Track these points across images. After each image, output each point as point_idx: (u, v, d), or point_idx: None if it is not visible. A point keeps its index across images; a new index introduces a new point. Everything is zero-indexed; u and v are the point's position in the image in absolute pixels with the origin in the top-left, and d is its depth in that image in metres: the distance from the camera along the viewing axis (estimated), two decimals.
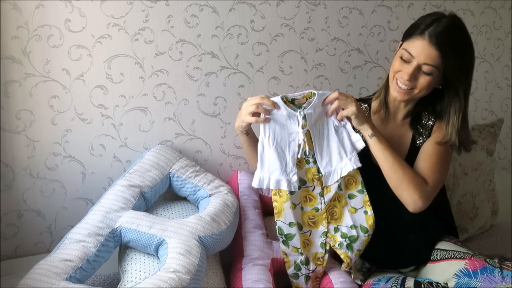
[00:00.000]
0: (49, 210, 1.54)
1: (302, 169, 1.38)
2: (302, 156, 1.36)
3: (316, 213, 1.40)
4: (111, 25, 1.55)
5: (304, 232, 1.40)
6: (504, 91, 2.23)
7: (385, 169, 1.38)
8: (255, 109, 1.32)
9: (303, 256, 1.39)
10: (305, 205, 1.39)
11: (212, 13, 1.66)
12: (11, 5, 1.44)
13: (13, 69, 1.46)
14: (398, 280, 1.38)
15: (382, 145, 1.37)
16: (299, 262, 1.40)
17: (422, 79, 1.36)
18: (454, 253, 1.42)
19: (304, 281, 1.42)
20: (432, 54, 1.32)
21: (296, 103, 1.36)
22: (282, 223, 1.38)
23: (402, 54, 1.36)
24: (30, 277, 1.18)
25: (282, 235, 1.38)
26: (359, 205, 1.42)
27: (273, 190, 1.37)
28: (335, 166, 1.38)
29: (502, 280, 1.27)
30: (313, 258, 1.42)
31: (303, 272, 1.41)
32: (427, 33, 1.32)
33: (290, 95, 1.36)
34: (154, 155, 1.54)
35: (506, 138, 2.27)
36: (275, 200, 1.38)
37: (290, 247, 1.39)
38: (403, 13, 1.96)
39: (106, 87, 1.56)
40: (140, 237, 1.33)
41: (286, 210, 1.37)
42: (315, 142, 1.37)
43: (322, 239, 1.41)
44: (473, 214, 1.91)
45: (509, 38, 2.21)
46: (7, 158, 1.49)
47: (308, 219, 1.40)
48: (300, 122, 1.34)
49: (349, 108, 1.35)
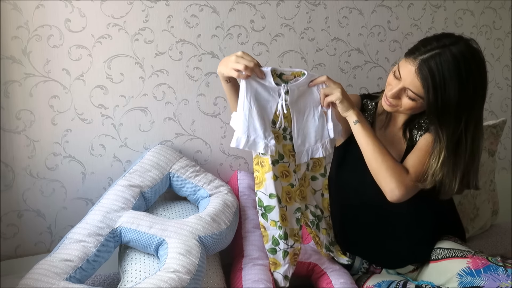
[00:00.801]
0: (49, 210, 1.54)
1: (280, 143, 1.37)
2: (280, 131, 1.36)
3: (291, 189, 1.39)
4: (111, 25, 1.55)
5: (282, 206, 1.37)
6: (504, 91, 2.23)
7: (367, 155, 1.37)
8: (242, 69, 1.26)
9: (281, 230, 1.36)
10: (282, 180, 1.38)
11: (212, 13, 1.66)
12: (11, 5, 1.44)
13: (13, 69, 1.46)
14: (399, 284, 1.38)
15: (365, 132, 1.36)
16: (278, 237, 1.37)
17: (405, 100, 1.32)
18: (455, 252, 1.41)
19: (282, 257, 1.39)
20: (416, 83, 1.25)
21: (283, 78, 1.36)
22: (263, 194, 1.35)
23: (395, 70, 1.32)
24: (30, 277, 1.18)
25: (262, 207, 1.36)
26: (318, 187, 1.45)
27: (255, 159, 1.36)
28: (307, 147, 1.39)
29: (507, 278, 1.25)
30: (290, 234, 1.39)
31: (282, 247, 1.38)
32: (419, 60, 1.23)
33: (280, 69, 1.36)
34: (154, 155, 1.54)
35: (506, 138, 2.27)
36: (256, 170, 1.36)
37: (269, 220, 1.37)
38: (403, 13, 1.96)
39: (106, 87, 1.56)
40: (140, 237, 1.33)
41: (267, 180, 1.34)
42: (294, 119, 1.37)
43: (297, 215, 1.40)
44: (473, 214, 1.91)
45: (509, 38, 2.21)
46: (7, 158, 1.49)
47: (285, 194, 1.38)
48: (282, 95, 1.33)
49: (335, 93, 1.35)
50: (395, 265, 1.52)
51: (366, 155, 1.37)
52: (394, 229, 1.48)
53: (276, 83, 1.33)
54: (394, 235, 1.48)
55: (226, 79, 1.37)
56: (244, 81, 1.30)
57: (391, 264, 1.52)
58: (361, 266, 1.56)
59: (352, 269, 1.57)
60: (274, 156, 1.35)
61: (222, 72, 1.33)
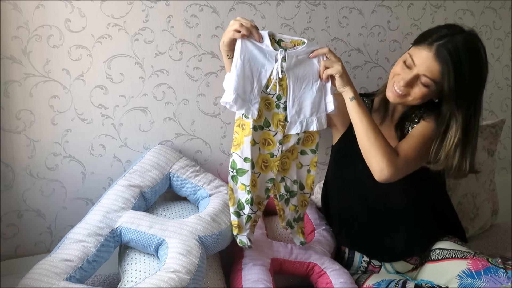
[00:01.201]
0: (49, 210, 1.54)
1: (270, 111, 1.36)
2: (273, 99, 1.35)
3: (270, 158, 1.38)
4: (111, 25, 1.55)
5: (254, 172, 1.36)
6: (504, 91, 2.23)
7: (359, 133, 1.36)
8: (238, 27, 1.28)
9: (249, 195, 1.36)
10: (262, 148, 1.37)
11: (212, 13, 1.66)
12: (11, 5, 1.44)
13: (13, 69, 1.46)
14: (398, 283, 1.38)
15: (360, 109, 1.35)
16: (244, 201, 1.36)
17: (417, 88, 1.35)
18: (455, 253, 1.41)
19: (245, 221, 1.39)
20: (433, 68, 1.30)
21: (282, 45, 1.34)
22: (238, 156, 1.35)
23: (406, 59, 1.35)
24: (30, 277, 1.18)
25: (234, 169, 1.36)
26: (306, 163, 1.44)
27: (237, 121, 1.35)
28: (302, 119, 1.37)
29: (507, 280, 1.25)
30: (255, 201, 1.39)
31: (246, 211, 1.37)
32: (435, 45, 1.30)
33: (279, 35, 1.34)
34: (154, 155, 1.54)
35: (506, 138, 2.27)
36: (236, 131, 1.35)
37: (238, 183, 1.36)
38: (403, 13, 1.95)
39: (106, 87, 1.56)
40: (140, 237, 1.33)
41: (245, 144, 1.34)
42: (290, 87, 1.35)
43: (268, 185, 1.39)
44: (473, 214, 1.91)
45: (509, 38, 2.21)
46: (7, 158, 1.49)
47: (262, 161, 1.37)
48: (279, 61, 1.32)
49: (335, 67, 1.34)
50: (393, 259, 1.51)
51: (359, 132, 1.36)
52: (392, 224, 1.48)
53: (274, 48, 1.32)
54: (392, 229, 1.48)
55: (228, 54, 1.37)
56: (240, 41, 1.30)
57: (389, 258, 1.52)
58: (360, 265, 1.56)
59: (351, 268, 1.57)
60: (258, 121, 1.34)
61: (222, 40, 1.34)
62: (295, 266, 1.50)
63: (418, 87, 1.34)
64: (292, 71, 1.34)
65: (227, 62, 1.38)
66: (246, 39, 1.31)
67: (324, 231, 1.62)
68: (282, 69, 1.32)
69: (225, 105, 1.31)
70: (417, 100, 1.37)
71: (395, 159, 1.33)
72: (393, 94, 1.40)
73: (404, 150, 1.36)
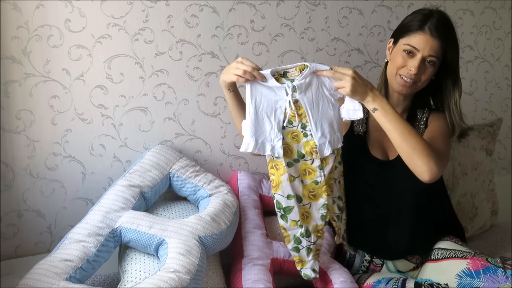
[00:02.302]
0: (49, 210, 1.54)
1: (299, 142, 1.37)
2: (299, 129, 1.36)
3: (316, 186, 1.39)
4: (111, 25, 1.55)
5: (303, 205, 1.39)
6: (504, 91, 2.23)
7: (395, 139, 1.35)
8: (241, 74, 1.29)
9: (303, 229, 1.38)
10: (305, 178, 1.38)
11: (212, 13, 1.66)
12: (11, 5, 1.44)
13: (13, 69, 1.46)
14: (398, 281, 1.38)
15: (388, 116, 1.33)
16: (299, 235, 1.39)
17: (426, 70, 1.43)
18: (456, 253, 1.42)
19: (306, 254, 1.41)
20: (435, 46, 1.39)
21: (288, 76, 1.34)
22: (280, 196, 1.37)
23: (405, 50, 1.42)
24: (30, 277, 1.18)
25: (280, 209, 1.38)
26: (336, 176, 1.45)
27: (269, 163, 1.36)
28: (330, 138, 1.37)
29: (506, 280, 1.26)
30: (313, 230, 1.41)
31: (304, 244, 1.40)
32: (427, 28, 1.40)
33: (281, 67, 1.34)
34: (154, 155, 1.54)
35: (506, 138, 2.27)
36: (272, 173, 1.36)
37: (289, 221, 1.38)
38: (403, 13, 1.95)
39: (106, 87, 1.56)
40: (140, 237, 1.33)
41: (283, 182, 1.36)
42: (309, 113, 1.35)
43: (323, 212, 1.40)
44: (472, 214, 1.91)
45: (509, 38, 2.21)
46: (7, 158, 1.49)
47: (308, 192, 1.39)
48: (289, 92, 1.32)
49: (345, 87, 1.31)
50: (395, 256, 1.52)
51: (394, 139, 1.35)
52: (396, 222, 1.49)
53: (281, 83, 1.33)
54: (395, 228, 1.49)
55: (229, 88, 1.39)
56: (248, 85, 1.31)
57: (391, 255, 1.53)
58: (361, 264, 1.56)
59: (352, 267, 1.57)
60: (291, 156, 1.36)
61: (224, 79, 1.35)
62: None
63: (426, 69, 1.42)
64: (306, 97, 1.34)
65: (229, 96, 1.40)
66: (253, 82, 1.31)
67: None
68: (296, 99, 1.33)
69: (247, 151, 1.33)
70: (425, 83, 1.45)
71: (439, 156, 1.35)
72: (404, 86, 1.44)
73: (439, 148, 1.39)
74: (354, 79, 1.30)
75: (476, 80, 2.15)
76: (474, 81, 2.15)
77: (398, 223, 1.49)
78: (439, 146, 1.40)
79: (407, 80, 1.42)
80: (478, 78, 2.16)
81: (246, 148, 1.32)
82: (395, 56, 1.45)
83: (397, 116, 1.34)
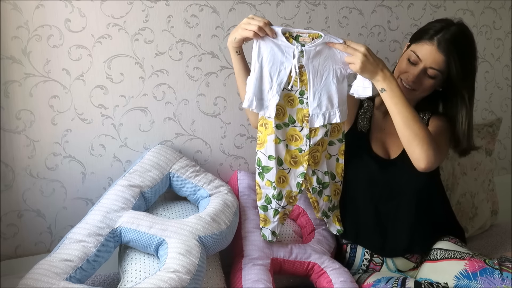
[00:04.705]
0: (49, 210, 1.54)
1: (294, 107, 1.37)
2: (296, 95, 1.35)
3: (299, 153, 1.40)
4: (111, 25, 1.55)
5: (283, 169, 1.41)
6: (504, 91, 2.23)
7: (398, 123, 1.34)
8: (253, 29, 1.27)
9: (275, 191, 1.41)
10: (290, 144, 1.40)
11: (212, 13, 1.66)
12: (11, 5, 1.44)
13: (13, 69, 1.46)
14: (398, 280, 1.39)
15: (395, 99, 1.32)
16: (271, 196, 1.43)
17: (425, 81, 1.42)
18: (454, 253, 1.43)
19: (272, 215, 1.45)
20: (438, 59, 1.39)
21: (300, 40, 1.32)
22: (262, 154, 1.39)
23: (410, 56, 1.42)
24: (30, 277, 1.18)
25: (260, 167, 1.41)
26: (334, 152, 1.46)
27: (260, 120, 1.38)
28: (324, 111, 1.36)
29: (501, 282, 1.28)
30: (286, 196, 1.43)
31: (273, 206, 1.44)
32: (436, 39, 1.39)
33: (296, 30, 1.32)
34: (154, 155, 1.54)
35: (506, 138, 2.27)
36: (259, 130, 1.39)
37: (265, 180, 1.41)
38: (403, 13, 1.96)
39: (106, 87, 1.56)
40: (140, 237, 1.33)
41: (268, 142, 1.38)
42: (310, 81, 1.34)
43: (300, 180, 1.42)
44: (472, 213, 1.92)
45: (509, 38, 2.21)
46: (7, 158, 1.49)
47: (290, 157, 1.40)
48: (296, 55, 1.31)
49: (356, 63, 1.29)
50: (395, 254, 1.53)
51: (397, 122, 1.34)
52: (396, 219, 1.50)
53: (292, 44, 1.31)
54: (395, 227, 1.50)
55: (237, 50, 1.37)
56: (256, 43, 1.31)
57: (391, 253, 1.53)
58: (361, 264, 1.56)
59: (352, 267, 1.57)
60: (282, 119, 1.36)
61: (234, 37, 1.33)
62: (295, 265, 1.50)
63: (426, 80, 1.41)
64: (311, 65, 1.33)
65: (236, 59, 1.40)
66: (263, 39, 1.31)
67: (324, 230, 1.62)
68: (301, 63, 1.31)
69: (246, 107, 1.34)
70: (425, 92, 1.44)
71: (438, 148, 1.36)
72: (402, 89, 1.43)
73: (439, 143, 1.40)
74: (365, 57, 1.29)
75: (476, 80, 2.12)
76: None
77: (397, 221, 1.50)
78: (439, 141, 1.42)
79: (406, 86, 1.44)
80: (478, 78, 2.14)
81: (249, 104, 1.32)
82: (402, 59, 1.47)
83: (404, 100, 1.33)
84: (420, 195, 1.49)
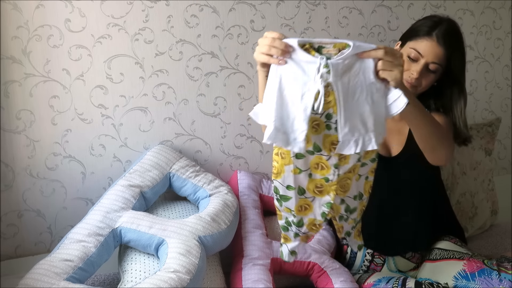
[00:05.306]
0: (49, 210, 1.54)
1: (320, 133, 1.11)
2: (323, 119, 1.09)
3: (325, 183, 1.17)
4: (111, 25, 1.55)
5: (306, 198, 1.19)
6: (504, 91, 2.23)
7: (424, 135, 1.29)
8: (267, 51, 1.06)
9: (295, 218, 1.21)
10: (315, 172, 1.16)
11: (212, 13, 1.66)
12: (11, 5, 1.44)
13: (13, 69, 1.46)
14: (399, 280, 1.39)
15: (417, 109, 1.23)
16: (291, 221, 1.22)
17: (427, 76, 1.45)
18: (454, 253, 1.44)
19: (293, 236, 1.25)
20: (439, 53, 1.41)
21: (324, 52, 1.05)
22: (279, 184, 1.17)
23: (410, 53, 1.44)
24: (30, 277, 1.18)
25: (277, 194, 1.19)
26: (363, 172, 1.21)
27: (275, 148, 1.14)
28: (357, 137, 1.09)
29: (499, 283, 1.29)
30: (309, 223, 1.23)
31: (293, 230, 1.24)
32: (434, 34, 1.42)
33: (317, 40, 1.05)
34: (154, 155, 1.54)
35: (506, 138, 2.27)
36: (275, 160, 1.15)
37: (283, 206, 1.20)
38: (403, 13, 1.95)
39: (106, 87, 1.56)
40: (140, 237, 1.33)
41: (286, 173, 1.15)
42: (340, 101, 1.06)
43: (325, 209, 1.20)
44: (472, 213, 1.92)
45: (509, 38, 2.21)
46: (7, 158, 1.49)
47: (314, 186, 1.18)
48: (321, 71, 1.03)
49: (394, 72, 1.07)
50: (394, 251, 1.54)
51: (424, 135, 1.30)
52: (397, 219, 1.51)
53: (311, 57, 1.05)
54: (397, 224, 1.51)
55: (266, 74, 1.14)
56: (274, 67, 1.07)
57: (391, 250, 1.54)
58: (362, 264, 1.57)
59: (353, 267, 1.58)
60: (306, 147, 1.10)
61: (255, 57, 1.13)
62: (295, 265, 1.50)
63: (427, 75, 1.44)
64: (340, 81, 1.05)
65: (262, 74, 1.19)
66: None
67: (324, 230, 1.62)
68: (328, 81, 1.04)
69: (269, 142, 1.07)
70: (426, 87, 1.47)
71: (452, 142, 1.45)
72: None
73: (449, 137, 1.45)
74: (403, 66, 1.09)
75: (476, 80, 2.15)
76: (474, 81, 2.15)
77: (399, 219, 1.51)
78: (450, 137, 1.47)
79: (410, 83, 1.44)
80: (478, 78, 2.16)
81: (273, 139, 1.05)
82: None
83: (425, 113, 1.28)
84: (422, 192, 1.51)
